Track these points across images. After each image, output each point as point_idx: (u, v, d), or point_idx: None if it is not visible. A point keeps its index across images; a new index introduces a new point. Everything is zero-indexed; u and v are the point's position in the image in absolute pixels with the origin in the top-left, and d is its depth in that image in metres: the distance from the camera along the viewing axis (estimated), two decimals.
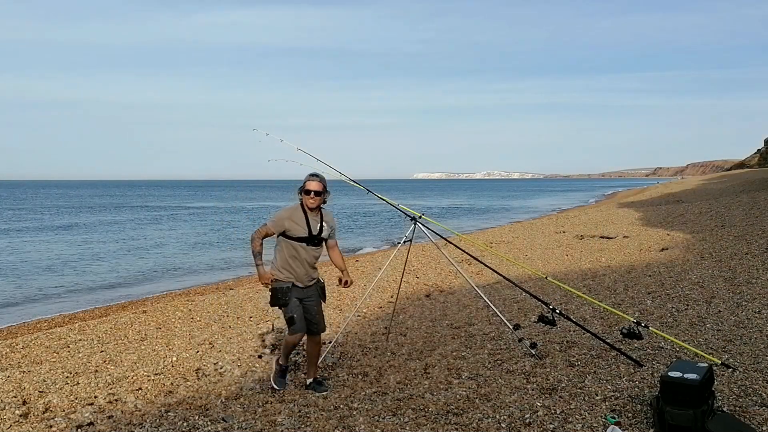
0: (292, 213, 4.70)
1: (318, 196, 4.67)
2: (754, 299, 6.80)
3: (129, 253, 21.28)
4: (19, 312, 11.69)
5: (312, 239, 4.71)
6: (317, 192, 4.67)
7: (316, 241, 4.74)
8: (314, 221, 4.71)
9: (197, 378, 5.31)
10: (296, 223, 4.67)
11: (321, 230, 4.74)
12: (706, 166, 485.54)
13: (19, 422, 4.37)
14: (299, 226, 4.67)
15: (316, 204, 4.69)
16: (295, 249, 4.68)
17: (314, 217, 4.72)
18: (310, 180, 4.73)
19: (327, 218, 4.81)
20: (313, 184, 4.70)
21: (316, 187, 4.69)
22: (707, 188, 36.96)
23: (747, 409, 3.84)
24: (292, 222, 4.66)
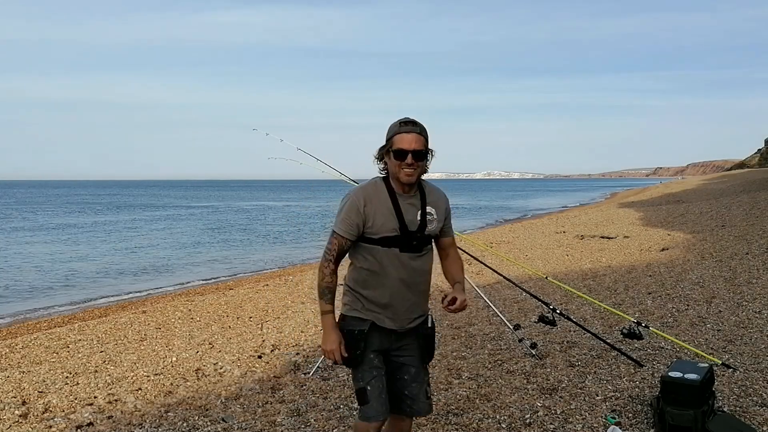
0: (368, 195, 2.64)
1: (420, 160, 2.58)
2: (755, 299, 6.80)
3: (128, 253, 21.28)
4: (18, 312, 11.69)
5: (409, 239, 2.64)
6: (418, 154, 2.57)
7: (417, 241, 2.66)
8: (410, 207, 2.65)
9: (197, 378, 5.30)
10: (378, 211, 2.62)
11: (424, 222, 2.67)
12: (707, 166, 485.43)
13: (18, 422, 4.37)
14: (384, 217, 2.62)
15: (415, 177, 2.61)
16: (379, 260, 2.64)
17: (409, 200, 2.66)
18: (404, 131, 2.59)
19: (433, 198, 2.74)
20: (408, 138, 2.57)
21: (416, 143, 2.57)
22: (708, 188, 36.95)
23: (747, 410, 3.83)
24: (370, 211, 2.62)
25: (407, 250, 2.63)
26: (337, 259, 2.65)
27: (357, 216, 2.59)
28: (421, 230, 2.65)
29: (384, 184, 2.65)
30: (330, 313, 2.64)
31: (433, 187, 2.77)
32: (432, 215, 2.68)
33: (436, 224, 2.70)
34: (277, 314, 8.24)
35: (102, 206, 58.17)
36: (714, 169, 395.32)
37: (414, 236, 2.63)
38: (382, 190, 2.64)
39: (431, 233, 2.70)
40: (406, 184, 2.61)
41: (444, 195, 2.81)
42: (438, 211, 2.71)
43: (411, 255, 2.65)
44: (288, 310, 8.47)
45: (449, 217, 2.82)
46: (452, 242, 2.88)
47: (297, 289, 10.40)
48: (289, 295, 9.79)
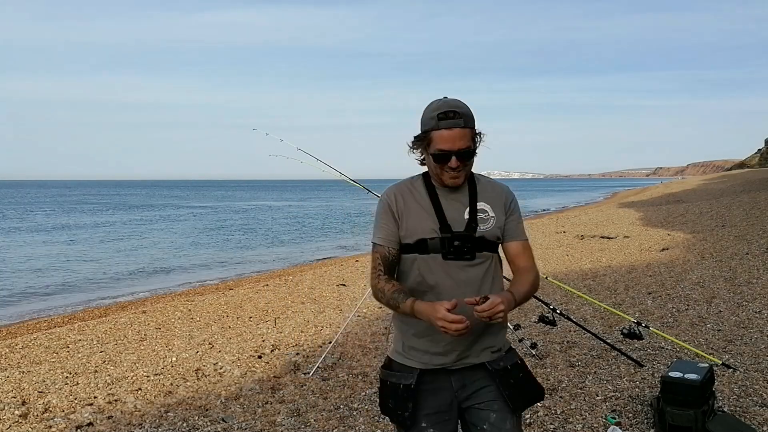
0: (402, 191, 2.17)
1: (467, 159, 2.06)
2: (755, 299, 6.80)
3: (128, 253, 21.28)
4: (18, 312, 11.69)
5: (454, 241, 2.09)
6: (465, 153, 2.04)
7: (466, 245, 2.09)
8: (453, 202, 2.13)
9: (197, 378, 5.30)
10: (412, 209, 2.13)
11: (474, 220, 2.12)
12: (707, 166, 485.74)
13: (18, 422, 4.37)
14: (419, 215, 2.12)
15: (463, 178, 2.10)
16: (419, 271, 2.12)
17: (453, 195, 2.13)
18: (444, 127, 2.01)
19: (488, 193, 2.18)
20: (451, 136, 2.01)
21: (461, 141, 2.02)
22: (708, 188, 36.95)
23: (747, 410, 3.83)
24: (403, 208, 2.14)
25: (453, 256, 2.05)
26: (387, 270, 2.10)
27: (390, 217, 2.12)
28: (469, 230, 2.07)
29: (422, 180, 2.15)
30: (412, 300, 1.97)
31: (489, 181, 2.21)
32: (486, 212, 2.11)
33: (493, 223, 2.11)
34: (277, 314, 8.24)
35: (101, 206, 58.18)
36: (714, 169, 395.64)
37: (460, 238, 2.06)
38: (419, 186, 2.15)
39: (487, 235, 2.09)
40: (452, 188, 2.10)
41: (504, 188, 2.20)
42: (495, 207, 2.13)
43: (459, 263, 2.06)
44: (288, 310, 8.47)
45: (515, 216, 2.17)
46: (522, 248, 2.16)
47: (297, 289, 10.40)
48: (289, 295, 9.79)
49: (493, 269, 2.14)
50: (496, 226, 2.13)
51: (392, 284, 2.06)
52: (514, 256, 2.17)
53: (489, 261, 2.12)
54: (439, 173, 2.06)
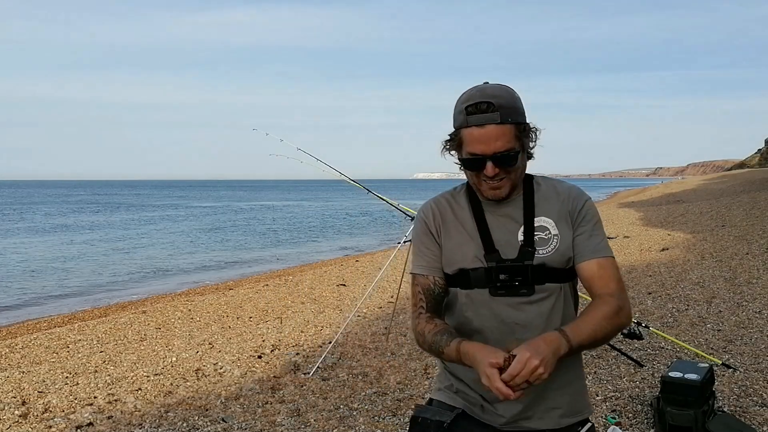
0: (440, 205, 1.76)
1: (509, 165, 1.58)
2: (755, 299, 6.80)
3: (128, 253, 21.28)
4: (17, 312, 11.69)
5: (503, 273, 1.63)
6: (505, 158, 1.57)
7: (522, 276, 1.62)
8: (503, 220, 1.67)
9: (197, 378, 5.30)
10: (452, 229, 1.72)
11: (530, 242, 1.64)
12: (707, 166, 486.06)
13: (18, 422, 4.37)
14: (459, 238, 1.70)
15: (508, 189, 1.63)
16: (461, 310, 1.70)
17: (503, 210, 1.68)
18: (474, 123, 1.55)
19: (550, 202, 1.68)
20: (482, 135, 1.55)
21: (498, 141, 1.55)
22: (708, 188, 36.96)
23: (747, 410, 3.83)
24: (442, 228, 1.73)
25: (504, 291, 1.60)
26: (431, 306, 1.68)
27: (431, 239, 1.70)
28: (524, 257, 1.60)
29: (465, 192, 1.72)
30: (458, 342, 1.54)
31: (553, 184, 1.70)
32: (547, 230, 1.62)
33: (557, 244, 1.61)
34: (277, 314, 8.24)
35: (100, 206, 58.18)
36: (714, 169, 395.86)
37: (509, 268, 1.59)
38: (462, 199, 1.71)
39: (549, 261, 1.60)
40: (494, 200, 1.65)
41: (571, 190, 1.68)
42: (558, 220, 1.63)
43: (513, 300, 1.60)
44: (288, 310, 8.47)
45: (587, 226, 1.64)
46: (597, 269, 1.60)
47: (297, 289, 10.40)
48: (289, 295, 9.79)
49: (562, 305, 1.63)
50: (561, 247, 1.61)
51: (434, 324, 1.63)
52: (588, 282, 1.62)
53: (555, 295, 1.62)
54: (476, 183, 1.63)
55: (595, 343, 1.54)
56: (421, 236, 1.74)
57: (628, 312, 1.59)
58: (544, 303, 1.63)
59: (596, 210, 1.70)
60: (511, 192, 1.64)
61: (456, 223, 1.70)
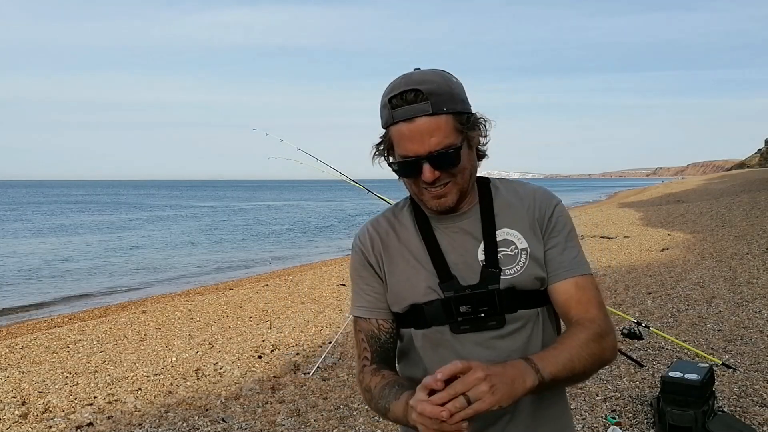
0: (380, 228, 1.41)
1: (450, 165, 1.24)
2: (755, 299, 6.80)
3: (128, 253, 21.28)
4: (17, 312, 11.69)
5: (464, 303, 1.28)
6: (443, 158, 1.22)
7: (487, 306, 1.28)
8: (457, 236, 1.33)
9: (197, 378, 5.30)
10: (396, 256, 1.36)
11: (493, 261, 1.30)
12: (707, 166, 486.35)
13: (18, 422, 4.37)
14: (406, 267, 1.35)
15: (454, 196, 1.28)
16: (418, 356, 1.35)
17: (456, 224, 1.34)
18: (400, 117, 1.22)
19: (513, 208, 1.35)
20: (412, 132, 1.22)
21: (431, 138, 1.21)
22: (708, 188, 36.96)
23: (747, 410, 3.83)
24: (385, 256, 1.37)
25: (468, 327, 1.29)
26: (379, 356, 1.36)
27: (370, 273, 1.38)
28: (488, 280, 1.28)
29: (409, 207, 1.40)
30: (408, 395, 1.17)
31: (513, 187, 1.39)
32: (513, 244, 1.32)
33: (526, 260, 1.31)
34: (277, 314, 8.24)
35: (100, 206, 58.21)
36: (714, 169, 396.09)
37: (476, 297, 1.28)
38: (406, 217, 1.39)
39: (519, 282, 1.29)
40: (441, 211, 1.32)
41: (535, 192, 1.38)
42: (525, 233, 1.33)
43: (479, 338, 1.29)
44: (288, 310, 8.47)
45: (559, 236, 1.34)
46: (575, 289, 1.30)
47: (297, 289, 10.40)
48: (289, 295, 9.79)
49: (541, 334, 1.32)
50: (532, 264, 1.30)
51: (381, 375, 1.31)
52: (564, 306, 1.31)
53: (531, 323, 1.31)
54: (417, 193, 1.31)
55: (573, 376, 1.20)
56: (359, 270, 1.40)
57: (613, 342, 1.26)
58: (518, 335, 1.30)
59: (568, 216, 1.38)
60: (460, 199, 1.31)
61: (401, 249, 1.36)
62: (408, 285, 1.34)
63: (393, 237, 1.39)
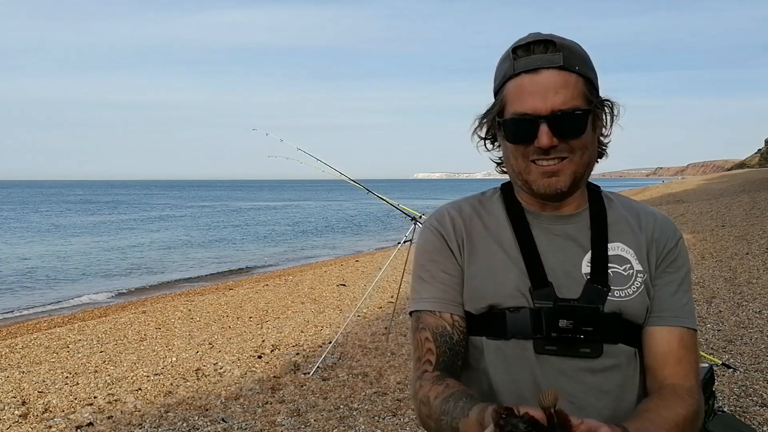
0: (465, 212, 1.17)
1: (573, 135, 1.04)
2: (755, 299, 6.80)
3: (128, 252, 21.28)
4: (17, 312, 11.69)
5: (571, 320, 1.05)
6: (567, 119, 1.03)
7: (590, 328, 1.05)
8: (560, 241, 1.12)
9: (197, 378, 5.30)
10: (483, 249, 1.13)
11: (601, 276, 1.08)
12: (707, 166, 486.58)
13: (18, 422, 4.37)
14: (495, 263, 1.11)
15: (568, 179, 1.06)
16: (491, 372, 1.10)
17: (563, 228, 1.13)
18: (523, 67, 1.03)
19: (629, 224, 1.16)
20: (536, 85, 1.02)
21: (556, 95, 1.02)
22: (708, 188, 36.97)
23: (747, 410, 3.83)
24: (470, 247, 1.13)
25: (556, 348, 1.07)
26: (445, 361, 1.11)
27: (446, 257, 1.14)
28: (592, 297, 1.08)
29: (501, 197, 1.18)
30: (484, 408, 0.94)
31: (626, 202, 1.23)
32: (627, 262, 1.11)
33: (640, 285, 1.10)
34: (277, 314, 8.24)
35: (99, 205, 58.22)
36: (714, 169, 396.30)
37: (573, 312, 1.06)
38: (496, 206, 1.17)
39: (627, 310, 1.09)
40: (549, 195, 1.09)
41: (659, 220, 1.19)
42: (639, 253, 1.13)
43: (567, 365, 1.07)
44: (288, 310, 8.47)
45: (676, 274, 1.14)
46: (678, 344, 1.10)
47: (297, 289, 10.40)
48: (289, 295, 9.79)
49: (637, 385, 1.12)
50: (644, 291, 1.10)
51: (445, 384, 1.05)
52: (660, 360, 1.10)
53: (627, 365, 1.09)
54: (523, 169, 1.08)
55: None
56: (432, 254, 1.15)
57: (702, 420, 1.08)
58: (612, 375, 1.07)
59: (688, 256, 1.17)
60: (572, 186, 1.08)
61: (487, 239, 1.13)
62: (492, 281, 1.11)
63: (478, 224, 1.16)
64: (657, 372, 1.10)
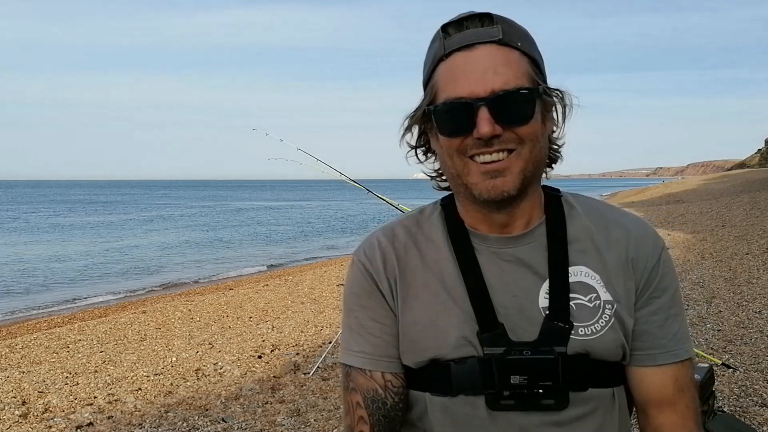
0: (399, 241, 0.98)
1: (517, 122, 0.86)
2: (755, 299, 6.80)
3: (127, 253, 21.28)
4: (17, 312, 11.69)
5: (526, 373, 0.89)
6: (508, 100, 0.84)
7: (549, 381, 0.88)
8: (514, 268, 0.93)
9: (197, 378, 5.30)
10: (422, 286, 0.94)
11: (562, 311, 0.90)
12: (707, 166, 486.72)
13: (18, 422, 4.37)
14: (436, 301, 0.93)
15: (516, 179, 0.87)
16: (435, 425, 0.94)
17: (514, 251, 0.93)
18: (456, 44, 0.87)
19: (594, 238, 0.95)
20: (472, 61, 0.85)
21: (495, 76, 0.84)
22: (708, 188, 36.97)
23: (747, 410, 3.84)
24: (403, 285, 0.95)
25: (514, 403, 0.91)
26: (380, 429, 0.97)
27: (375, 301, 0.98)
28: (552, 339, 0.91)
29: (441, 215, 1.00)
30: None
31: (593, 206, 1.01)
32: (593, 291, 0.93)
33: (610, 319, 0.92)
34: (277, 314, 8.24)
35: (99, 205, 58.24)
36: (714, 169, 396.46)
37: (535, 363, 0.90)
38: (434, 228, 0.99)
39: (595, 349, 0.92)
40: (493, 202, 0.90)
41: (634, 228, 0.98)
42: (609, 277, 0.94)
43: (528, 421, 0.92)
44: (288, 310, 8.47)
45: (665, 300, 0.95)
46: (673, 385, 0.96)
47: (297, 289, 10.40)
48: (289, 295, 9.79)
49: (619, 418, 0.98)
50: (617, 324, 0.92)
51: None
52: (651, 404, 0.99)
53: (603, 410, 0.95)
54: (461, 170, 0.89)
55: None
56: (361, 298, 0.98)
57: None
58: (583, 425, 0.92)
59: (674, 269, 0.99)
60: (522, 187, 0.89)
61: (425, 275, 0.95)
62: (432, 329, 0.92)
63: (414, 255, 0.97)
64: (650, 419, 0.99)
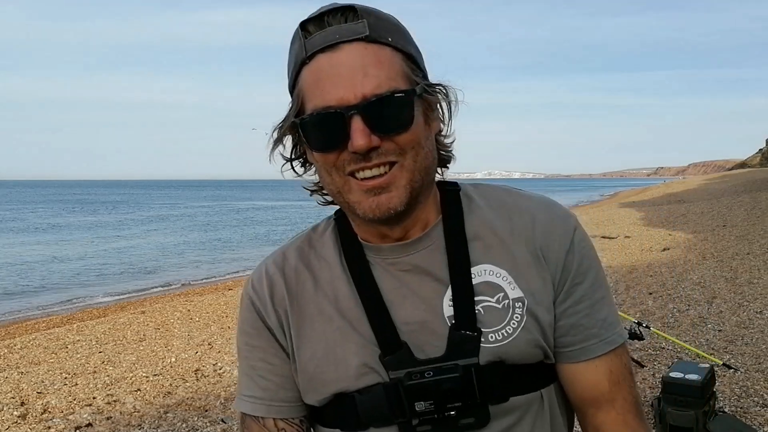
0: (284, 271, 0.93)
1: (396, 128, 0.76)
2: (756, 299, 6.78)
3: (126, 253, 21.28)
4: (17, 313, 11.69)
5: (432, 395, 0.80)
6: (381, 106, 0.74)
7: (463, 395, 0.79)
8: (413, 278, 0.84)
9: (196, 379, 5.29)
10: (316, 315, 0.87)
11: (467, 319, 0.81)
12: (708, 166, 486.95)
13: (17, 423, 4.36)
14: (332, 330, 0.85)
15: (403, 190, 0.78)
16: None
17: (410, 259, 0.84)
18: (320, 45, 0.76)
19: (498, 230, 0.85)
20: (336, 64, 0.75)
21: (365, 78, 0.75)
22: (709, 188, 36.96)
23: (748, 410, 3.82)
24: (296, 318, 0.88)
25: (428, 429, 0.82)
26: None
27: (265, 340, 0.93)
28: (460, 351, 0.82)
29: (334, 230, 0.95)
30: None
31: (494, 196, 0.91)
32: (500, 290, 0.84)
33: (522, 319, 0.83)
34: None
35: (98, 205, 58.28)
36: (715, 168, 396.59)
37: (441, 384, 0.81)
38: (326, 247, 0.93)
39: (509, 354, 0.83)
40: (380, 221, 0.81)
41: (541, 211, 0.88)
42: (518, 271, 0.85)
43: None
44: None
45: (586, 286, 0.88)
46: (608, 376, 0.87)
47: None
48: None
49: (549, 428, 0.88)
50: (530, 322, 0.85)
51: None
52: (588, 402, 0.89)
53: (532, 416, 0.86)
54: (341, 187, 0.82)
55: None
56: (250, 337, 0.93)
57: None
58: None
59: (591, 243, 0.91)
60: (410, 202, 0.80)
61: (319, 301, 0.88)
62: (331, 362, 0.84)
63: (307, 279, 0.89)
64: (589, 419, 0.89)
